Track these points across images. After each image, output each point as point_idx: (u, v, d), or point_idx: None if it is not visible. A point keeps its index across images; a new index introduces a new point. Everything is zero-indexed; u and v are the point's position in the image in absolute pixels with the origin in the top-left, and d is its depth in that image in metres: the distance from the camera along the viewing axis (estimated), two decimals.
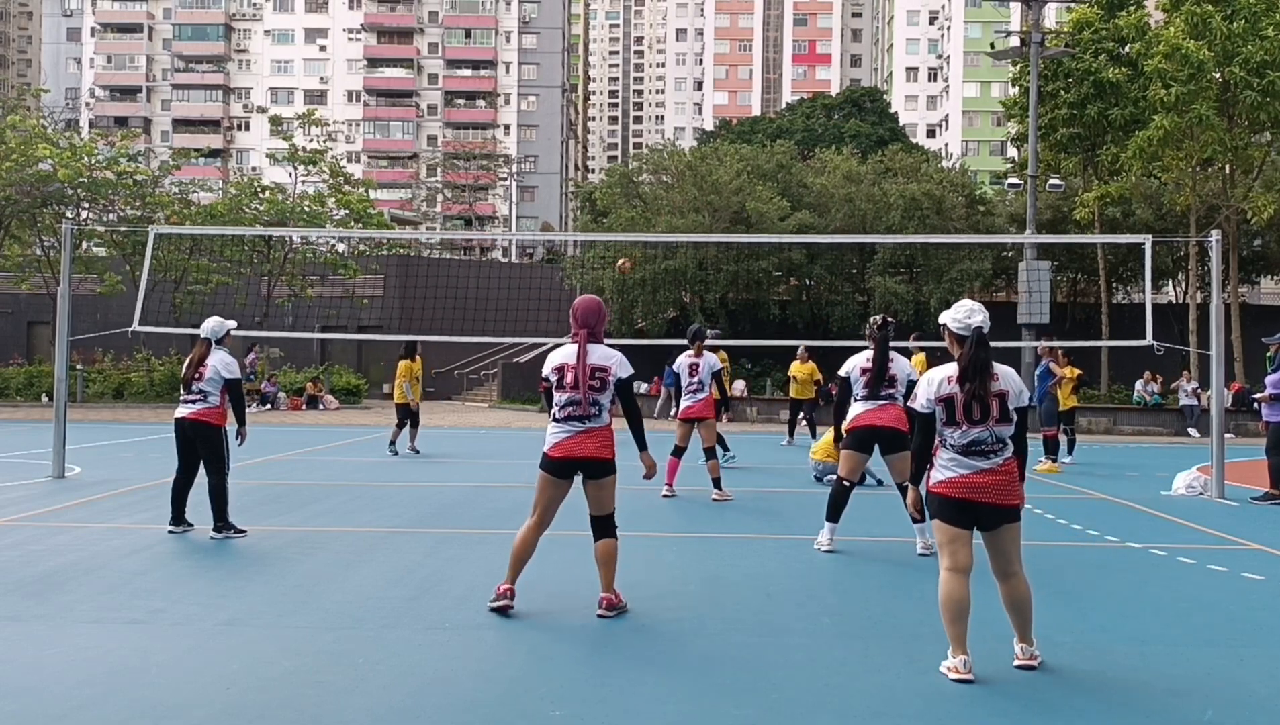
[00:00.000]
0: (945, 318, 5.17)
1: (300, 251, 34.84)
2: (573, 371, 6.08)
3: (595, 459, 6.07)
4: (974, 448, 4.93)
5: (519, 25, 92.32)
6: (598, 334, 6.21)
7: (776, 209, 32.42)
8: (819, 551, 8.20)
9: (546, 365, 6.22)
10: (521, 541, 6.17)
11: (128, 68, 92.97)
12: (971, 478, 4.92)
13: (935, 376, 5.04)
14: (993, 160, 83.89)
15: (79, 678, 4.77)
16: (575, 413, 6.07)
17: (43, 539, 8.28)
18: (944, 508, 4.98)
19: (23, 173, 30.63)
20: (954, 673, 4.88)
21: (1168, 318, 29.24)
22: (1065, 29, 33.56)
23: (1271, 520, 10.57)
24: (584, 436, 6.06)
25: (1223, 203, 29.15)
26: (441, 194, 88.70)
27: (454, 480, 12.94)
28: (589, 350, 6.11)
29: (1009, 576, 5.01)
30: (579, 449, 6.07)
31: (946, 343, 5.17)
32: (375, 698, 4.56)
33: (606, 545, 6.19)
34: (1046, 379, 16.21)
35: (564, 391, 6.09)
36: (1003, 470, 4.93)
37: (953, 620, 4.95)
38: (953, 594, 4.94)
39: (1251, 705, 4.67)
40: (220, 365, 8.80)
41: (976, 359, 4.95)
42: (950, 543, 4.97)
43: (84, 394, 29.78)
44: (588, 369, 6.08)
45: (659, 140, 56.54)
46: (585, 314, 6.20)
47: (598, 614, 6.06)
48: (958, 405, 4.95)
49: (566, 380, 6.09)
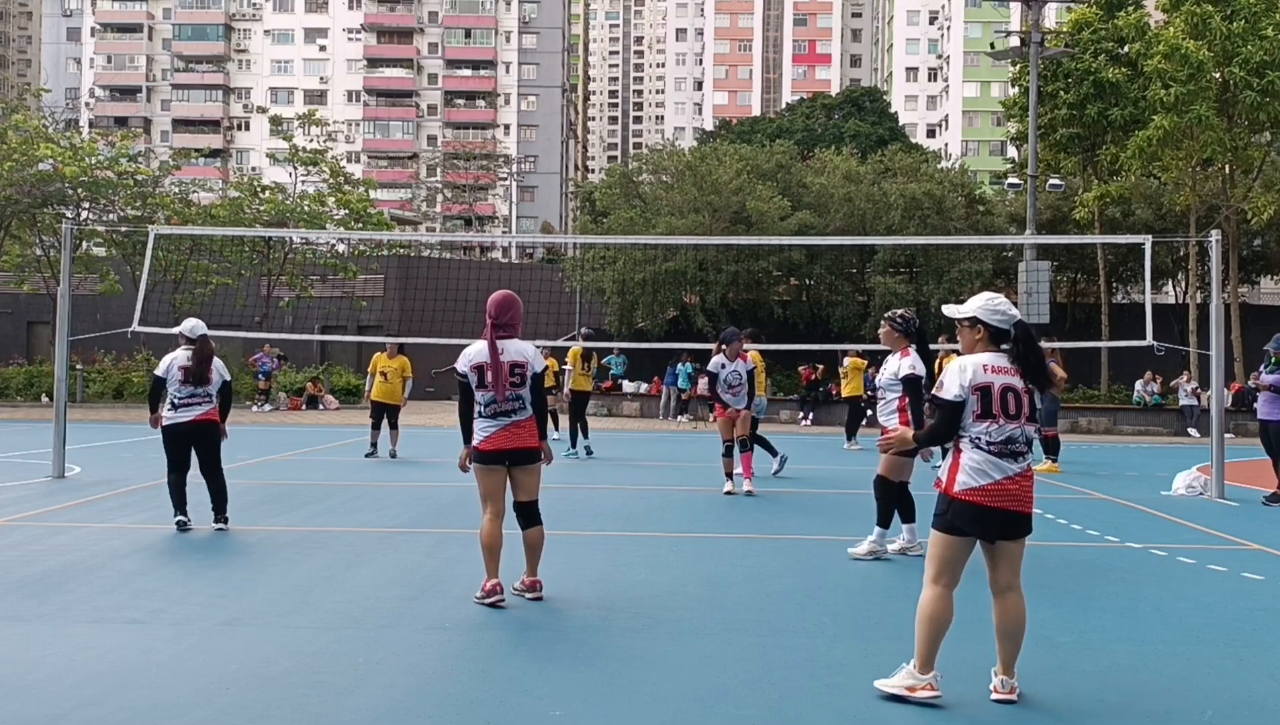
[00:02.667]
0: (973, 310, 4.67)
1: (300, 252, 34.85)
2: (491, 371, 6.23)
3: (523, 449, 6.30)
4: (1009, 447, 4.53)
5: (519, 25, 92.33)
6: (514, 328, 6.34)
7: (777, 208, 32.42)
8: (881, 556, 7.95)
9: (463, 362, 6.31)
10: (487, 535, 6.30)
11: (128, 68, 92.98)
12: (1005, 483, 4.50)
13: (968, 363, 4.60)
14: (993, 160, 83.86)
15: (79, 678, 4.77)
16: (500, 409, 6.26)
17: (43, 539, 8.28)
18: (968, 516, 4.52)
19: (23, 173, 30.64)
20: (928, 690, 4.58)
21: (1168, 318, 29.23)
22: (1065, 29, 33.55)
23: (1271, 520, 10.57)
24: (511, 429, 6.26)
25: (1223, 203, 29.15)
26: (441, 194, 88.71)
27: (454, 480, 12.93)
28: (504, 347, 6.24)
29: (1010, 590, 4.62)
30: (508, 442, 6.28)
31: (962, 338, 4.77)
32: (375, 698, 4.56)
33: (537, 532, 6.43)
34: None
35: (485, 391, 6.25)
36: (1030, 473, 4.61)
37: (937, 638, 4.61)
38: (944, 613, 4.59)
39: (1251, 705, 4.67)
40: (219, 367, 9.06)
41: (1031, 351, 4.58)
42: (955, 558, 4.59)
43: (84, 394, 29.76)
44: (505, 367, 6.23)
45: (659, 140, 56.58)
46: (499, 310, 6.30)
47: (514, 589, 6.44)
48: (994, 396, 4.53)
49: (487, 380, 6.23)
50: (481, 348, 6.29)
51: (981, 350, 4.66)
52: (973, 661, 5.05)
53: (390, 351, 16.29)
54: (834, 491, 12.52)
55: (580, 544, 8.40)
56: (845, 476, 14.11)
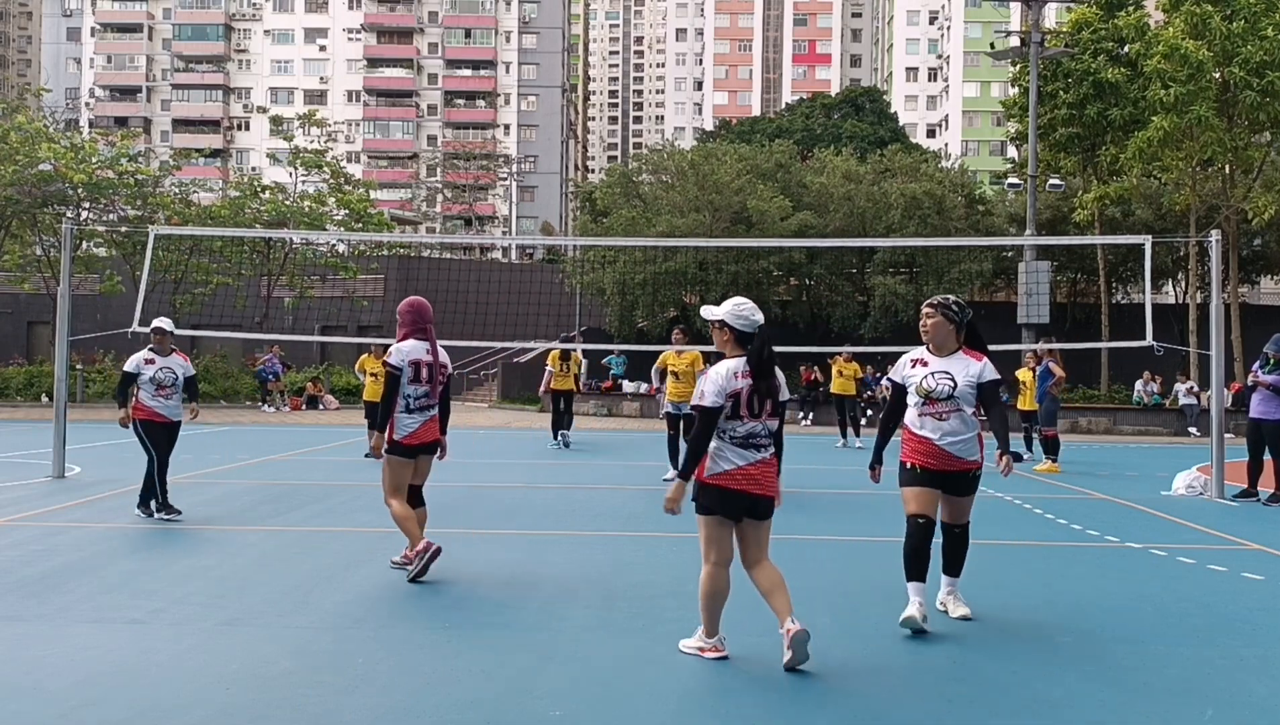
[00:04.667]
0: (722, 314, 5.16)
1: (300, 252, 34.85)
2: (427, 367, 7.02)
3: (436, 441, 7.16)
4: (750, 440, 5.08)
5: (519, 25, 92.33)
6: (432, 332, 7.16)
7: (778, 208, 32.41)
8: None
9: (397, 357, 6.97)
10: (403, 511, 6.92)
11: (128, 68, 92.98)
12: (747, 469, 5.07)
13: (721, 373, 5.06)
14: (993, 160, 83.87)
15: (79, 678, 4.77)
16: (425, 403, 7.03)
17: (43, 539, 8.28)
18: (716, 498, 5.08)
19: (25, 173, 30.65)
20: (715, 651, 5.20)
21: (1168, 318, 29.23)
22: (1065, 29, 33.54)
23: (1271, 520, 10.57)
24: (430, 423, 7.06)
25: (1222, 203, 29.15)
26: (441, 194, 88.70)
27: (454, 480, 12.94)
28: (438, 349, 7.10)
29: (760, 563, 5.18)
30: (428, 434, 7.06)
31: (716, 339, 5.23)
32: (375, 698, 4.56)
33: (424, 511, 7.21)
34: (1046, 379, 16.23)
35: (419, 385, 6.98)
36: (772, 462, 5.15)
37: (716, 609, 5.22)
38: (720, 587, 5.18)
39: (1251, 705, 4.67)
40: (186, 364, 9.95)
41: (765, 355, 5.09)
42: (717, 536, 5.12)
43: (84, 394, 29.77)
44: (441, 366, 7.12)
45: (659, 140, 56.60)
46: (429, 315, 7.18)
47: (391, 563, 7.12)
48: (743, 399, 5.05)
49: (422, 375, 6.98)
50: (417, 346, 7.03)
51: (730, 350, 5.16)
52: (978, 662, 5.03)
53: (376, 353, 16.48)
54: (833, 491, 12.52)
55: (580, 544, 8.40)
56: (844, 476, 14.11)
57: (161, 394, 9.58)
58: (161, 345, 9.75)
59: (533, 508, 10.46)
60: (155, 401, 9.57)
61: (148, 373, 9.57)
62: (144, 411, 9.56)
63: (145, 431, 9.52)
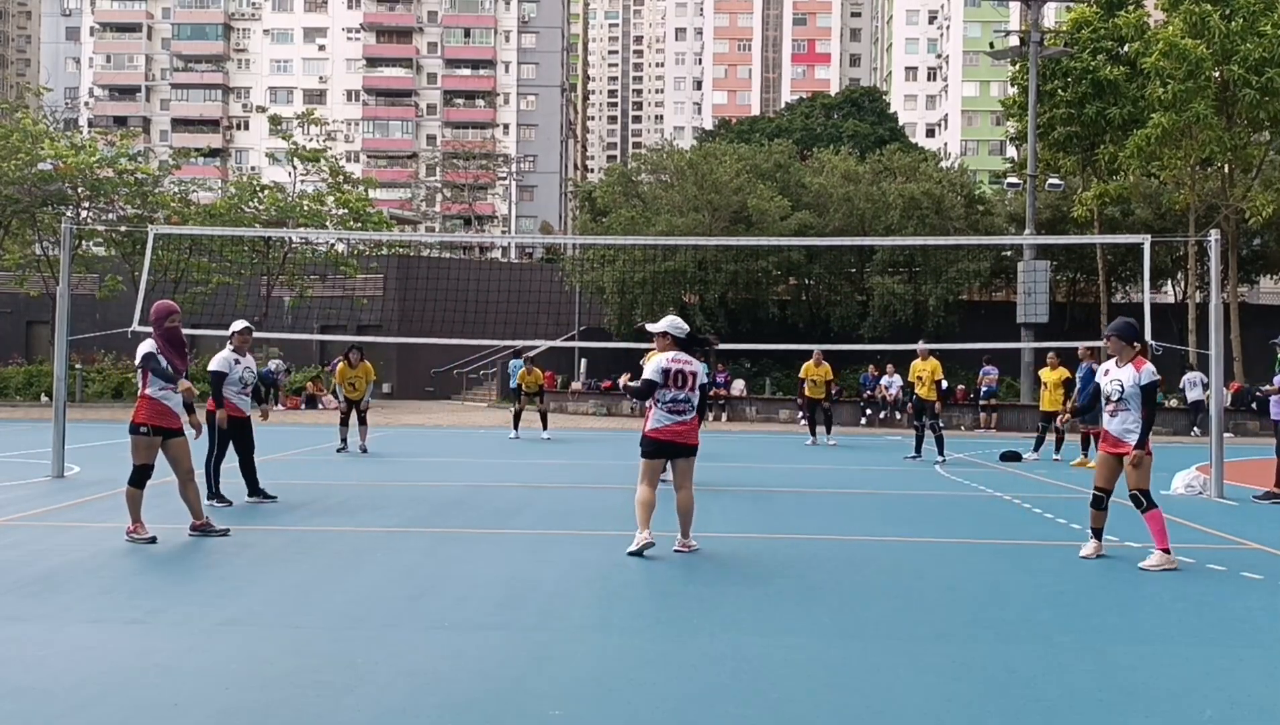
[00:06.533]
0: (665, 326, 7.98)
1: (300, 251, 34.83)
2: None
3: None
4: (676, 405, 7.77)
5: (518, 25, 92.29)
6: None
7: (778, 208, 32.41)
8: None
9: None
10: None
11: (127, 67, 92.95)
12: (674, 427, 7.79)
13: (661, 358, 7.81)
14: (992, 160, 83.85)
15: (79, 678, 4.77)
16: None
17: (42, 539, 8.28)
18: (654, 446, 7.86)
19: (25, 172, 30.63)
20: (644, 539, 7.65)
21: (1167, 317, 29.22)
22: (1064, 28, 33.57)
23: (1271, 520, 10.57)
24: None
25: (1222, 202, 29.16)
26: (441, 193, 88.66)
27: (453, 480, 12.94)
28: None
29: (683, 488, 7.91)
30: None
31: (659, 344, 7.98)
32: (375, 698, 4.56)
33: None
34: (1089, 380, 16.15)
35: None
36: (693, 422, 7.88)
37: (647, 513, 7.74)
38: (649, 499, 7.81)
39: (1251, 705, 4.67)
40: None
41: (693, 342, 8.02)
42: (654, 470, 7.96)
43: (83, 394, 29.77)
44: None
45: (658, 140, 56.61)
46: None
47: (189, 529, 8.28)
48: (671, 376, 7.74)
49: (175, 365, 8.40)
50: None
51: (666, 349, 7.92)
52: (979, 664, 5.02)
53: (352, 360, 16.69)
54: (832, 491, 12.52)
55: (580, 544, 8.41)
56: (843, 476, 14.11)
57: (245, 393, 10.16)
58: (243, 345, 10.19)
59: (533, 508, 10.45)
60: (239, 399, 10.14)
61: (235, 372, 10.05)
62: (231, 408, 10.12)
63: (231, 427, 10.06)
